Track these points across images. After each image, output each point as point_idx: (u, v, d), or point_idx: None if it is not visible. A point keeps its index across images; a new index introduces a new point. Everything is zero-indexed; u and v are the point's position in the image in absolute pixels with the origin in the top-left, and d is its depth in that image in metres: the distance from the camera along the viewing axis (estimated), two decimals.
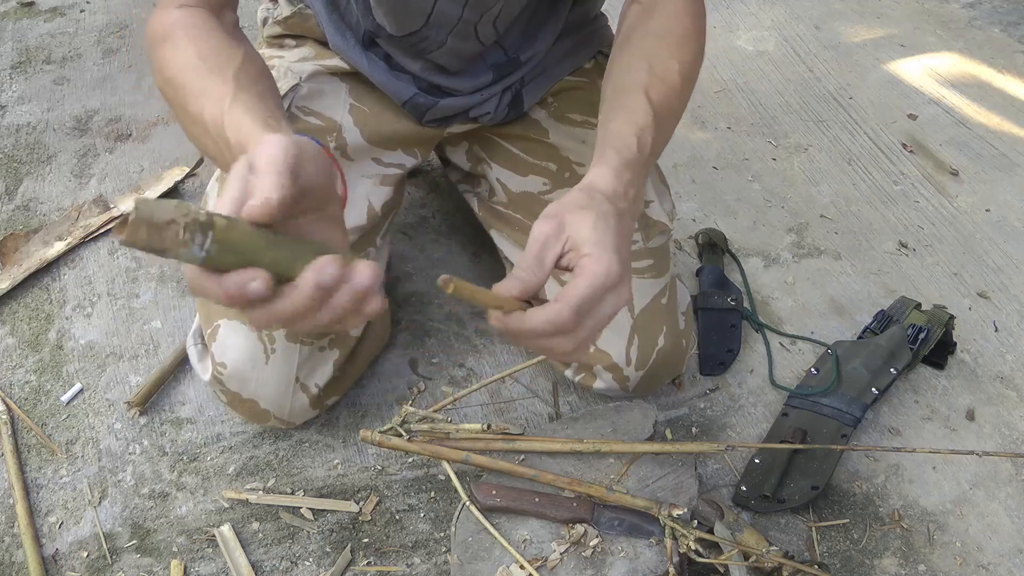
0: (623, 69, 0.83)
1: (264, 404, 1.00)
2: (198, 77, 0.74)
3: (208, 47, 0.77)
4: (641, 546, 0.89)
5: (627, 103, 0.79)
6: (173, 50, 0.78)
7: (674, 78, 0.82)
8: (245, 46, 0.82)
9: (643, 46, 0.83)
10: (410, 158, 1.09)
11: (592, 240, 0.65)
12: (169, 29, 0.80)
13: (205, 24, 0.80)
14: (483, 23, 0.95)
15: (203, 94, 0.73)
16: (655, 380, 1.05)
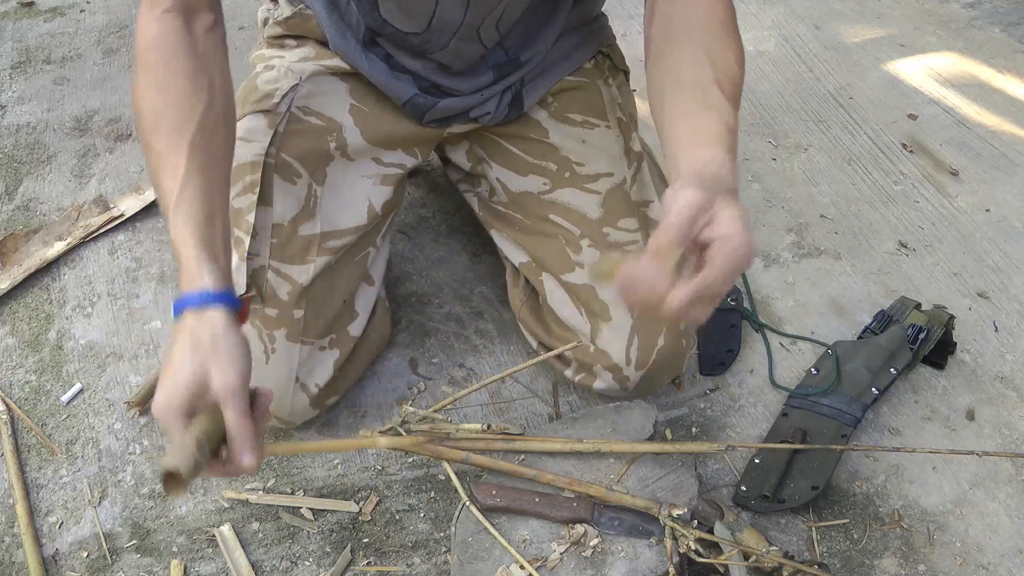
0: (684, 62, 0.82)
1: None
2: (157, 131, 0.80)
3: (174, 87, 0.81)
4: (641, 546, 0.89)
5: (710, 100, 0.78)
6: (143, 79, 0.82)
7: (734, 68, 0.82)
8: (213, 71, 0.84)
9: (694, 40, 0.82)
10: (410, 158, 1.09)
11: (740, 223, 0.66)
12: (145, 46, 0.82)
13: (177, 48, 0.82)
14: (485, 26, 0.95)
15: (160, 160, 0.79)
16: (655, 380, 1.05)
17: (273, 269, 0.98)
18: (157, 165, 0.79)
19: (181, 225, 0.76)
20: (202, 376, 0.71)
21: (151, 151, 0.80)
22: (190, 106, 0.80)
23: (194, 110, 0.80)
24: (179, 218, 0.77)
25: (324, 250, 1.00)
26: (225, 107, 0.84)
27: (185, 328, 0.73)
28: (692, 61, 0.81)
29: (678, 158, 0.75)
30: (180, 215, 0.77)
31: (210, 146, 0.81)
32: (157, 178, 0.79)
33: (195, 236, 0.76)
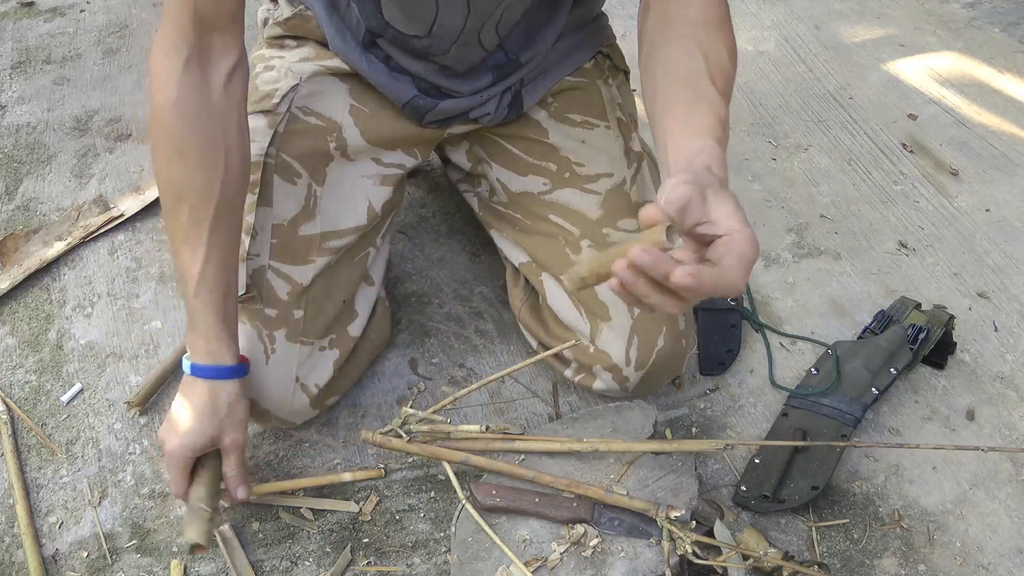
0: (677, 56, 0.82)
1: (264, 404, 1.00)
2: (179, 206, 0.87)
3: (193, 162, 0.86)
4: (641, 546, 0.89)
5: (703, 93, 0.79)
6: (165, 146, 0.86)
7: (725, 62, 0.82)
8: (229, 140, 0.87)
9: (687, 33, 0.83)
10: (410, 158, 1.09)
11: (739, 218, 0.67)
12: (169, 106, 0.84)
13: (198, 115, 0.85)
14: (485, 30, 0.95)
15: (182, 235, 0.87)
16: (655, 380, 1.05)
17: (273, 269, 0.98)
18: (178, 240, 0.88)
19: (204, 303, 0.88)
20: (216, 435, 0.91)
21: (173, 224, 0.88)
22: (209, 182, 0.86)
23: (212, 188, 0.86)
24: (202, 295, 0.87)
25: (324, 250, 1.00)
26: (241, 169, 0.90)
27: (202, 392, 0.90)
28: (685, 54, 0.82)
29: (668, 149, 0.76)
30: (203, 293, 0.87)
31: (227, 224, 0.89)
32: (178, 252, 0.88)
33: (216, 314, 0.88)
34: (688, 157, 0.73)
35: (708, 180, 0.68)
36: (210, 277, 0.87)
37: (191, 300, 0.88)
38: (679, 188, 0.65)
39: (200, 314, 0.88)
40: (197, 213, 0.86)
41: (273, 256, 0.98)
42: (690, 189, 0.65)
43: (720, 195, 0.67)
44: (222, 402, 0.90)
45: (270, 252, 0.98)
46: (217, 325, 0.88)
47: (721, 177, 0.71)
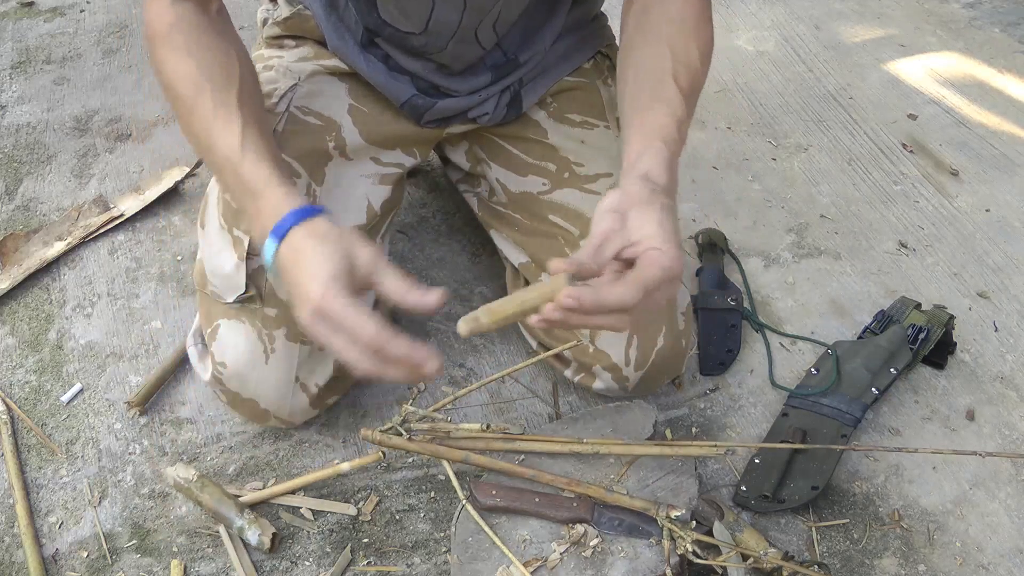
0: (647, 56, 0.84)
1: (264, 404, 1.00)
2: (203, 93, 0.81)
3: (208, 56, 0.82)
4: (641, 546, 0.89)
5: (662, 93, 0.81)
6: (173, 54, 0.83)
7: (696, 62, 0.84)
8: (236, 48, 0.86)
9: (661, 32, 0.85)
10: (409, 158, 1.09)
11: (660, 236, 0.69)
12: (166, 30, 0.83)
13: (201, 27, 0.84)
14: (482, 27, 0.95)
15: (211, 117, 0.80)
16: (655, 380, 1.05)
17: None
18: (207, 124, 0.80)
19: (253, 165, 0.77)
20: (347, 257, 0.71)
21: (197, 113, 0.81)
22: (227, 70, 0.82)
23: (232, 72, 0.82)
24: (248, 160, 0.77)
25: None
26: (254, 76, 0.86)
27: (301, 236, 0.73)
28: (654, 55, 0.84)
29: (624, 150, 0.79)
30: (249, 157, 0.77)
31: (255, 102, 0.83)
32: (209, 136, 0.80)
33: (272, 172, 0.77)
34: (631, 161, 0.75)
35: (634, 196, 0.70)
36: (252, 143, 0.79)
37: (240, 169, 0.78)
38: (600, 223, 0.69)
39: (255, 178, 0.77)
40: (221, 95, 0.81)
41: None
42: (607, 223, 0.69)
43: (643, 212, 0.70)
44: (326, 231, 0.73)
45: None
46: (279, 181, 0.77)
47: (659, 183, 0.73)
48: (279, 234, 0.74)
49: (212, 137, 0.80)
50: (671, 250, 0.69)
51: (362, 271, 0.72)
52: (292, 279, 0.72)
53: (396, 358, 0.69)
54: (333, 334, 0.70)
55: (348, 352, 0.70)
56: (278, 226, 0.74)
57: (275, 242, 0.74)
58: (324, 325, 0.70)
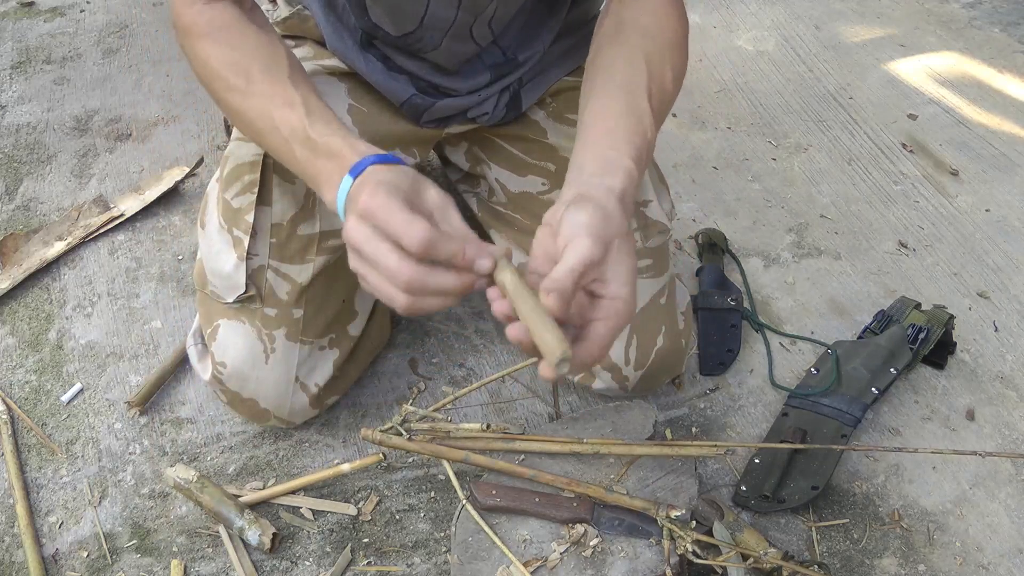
0: (621, 63, 0.83)
1: (264, 403, 1.00)
2: (253, 81, 0.79)
3: (252, 47, 0.82)
4: (641, 546, 0.89)
5: (635, 107, 0.79)
6: (217, 47, 0.82)
7: (668, 85, 0.83)
8: (276, 37, 0.85)
9: (638, 45, 0.83)
10: (408, 158, 1.09)
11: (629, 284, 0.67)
12: (204, 27, 0.83)
13: (241, 20, 0.84)
14: (478, 24, 0.95)
15: (268, 99, 0.78)
16: (654, 380, 1.05)
17: (272, 269, 0.98)
18: (265, 105, 0.78)
19: (324, 134, 0.74)
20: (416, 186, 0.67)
21: (253, 98, 0.79)
22: (272, 52, 0.81)
23: (280, 57, 0.81)
24: (317, 128, 0.74)
25: (323, 249, 1.00)
26: (297, 60, 0.84)
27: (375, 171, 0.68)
28: (629, 64, 0.82)
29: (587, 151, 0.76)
30: (317, 126, 0.75)
31: (306, 79, 0.81)
32: (269, 118, 0.77)
33: (345, 136, 0.74)
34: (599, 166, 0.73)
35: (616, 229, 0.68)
36: (316, 107, 0.77)
37: (312, 138, 0.74)
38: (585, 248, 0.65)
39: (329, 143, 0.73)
40: (275, 76, 0.79)
41: (272, 255, 0.98)
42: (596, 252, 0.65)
43: (624, 250, 0.68)
44: (403, 169, 0.69)
45: (269, 251, 0.98)
46: (353, 141, 0.73)
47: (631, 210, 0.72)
48: (357, 170, 0.69)
49: (273, 117, 0.77)
50: (633, 303, 0.68)
51: (428, 206, 0.67)
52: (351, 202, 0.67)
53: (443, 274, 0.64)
54: (376, 243, 0.63)
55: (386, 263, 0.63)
56: (359, 163, 0.69)
57: (350, 179, 0.69)
58: (365, 231, 0.64)
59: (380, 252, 0.63)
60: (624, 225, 0.69)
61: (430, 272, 0.63)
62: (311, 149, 0.75)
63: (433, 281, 0.63)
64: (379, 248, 0.63)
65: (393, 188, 0.64)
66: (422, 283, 0.63)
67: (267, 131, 0.79)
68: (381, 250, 0.63)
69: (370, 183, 0.65)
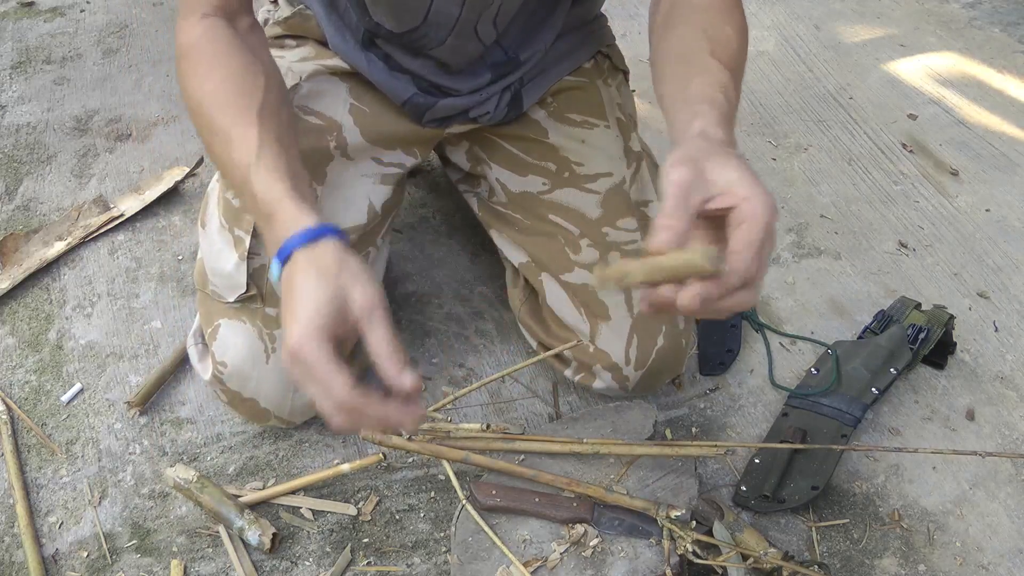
0: (679, 41, 0.83)
1: (264, 403, 1.00)
2: (222, 110, 0.79)
3: (231, 72, 0.80)
4: (641, 546, 0.89)
5: (698, 66, 0.78)
6: (196, 69, 0.82)
7: (732, 42, 0.82)
8: (264, 60, 0.85)
9: (693, 20, 0.84)
10: (410, 158, 1.09)
11: (744, 181, 0.63)
12: (192, 44, 0.83)
13: (226, 40, 0.83)
14: (482, 21, 0.95)
15: (229, 134, 0.77)
16: (655, 380, 1.05)
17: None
18: (225, 142, 0.77)
19: (264, 181, 0.73)
20: (340, 298, 0.66)
21: (216, 131, 0.78)
22: (251, 86, 0.80)
23: (256, 89, 0.80)
24: (260, 175, 0.73)
25: None
26: (281, 90, 0.84)
27: (301, 265, 0.68)
28: (686, 37, 0.82)
29: (668, 121, 0.76)
30: (261, 172, 0.74)
31: (278, 117, 0.80)
32: (228, 153, 0.77)
33: (283, 186, 0.73)
34: (681, 127, 0.71)
35: (701, 149, 0.65)
36: (267, 157, 0.75)
37: (251, 185, 0.74)
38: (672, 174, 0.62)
39: (266, 193, 0.73)
40: (241, 110, 0.78)
41: None
42: (682, 173, 0.62)
43: (718, 161, 0.64)
44: (327, 262, 0.68)
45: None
46: (289, 196, 0.72)
47: (718, 138, 0.68)
48: (283, 256, 0.70)
49: (230, 153, 0.77)
50: (762, 195, 0.62)
51: (354, 315, 0.67)
52: (283, 309, 0.68)
53: (371, 417, 0.66)
54: (308, 381, 0.66)
55: (320, 404, 0.66)
56: (283, 247, 0.70)
57: (279, 264, 0.71)
58: (299, 370, 0.66)
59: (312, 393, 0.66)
60: (710, 146, 0.66)
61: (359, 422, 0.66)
62: (254, 200, 0.74)
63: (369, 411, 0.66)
64: (311, 389, 0.66)
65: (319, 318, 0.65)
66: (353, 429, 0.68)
67: (226, 168, 0.78)
68: (313, 391, 0.66)
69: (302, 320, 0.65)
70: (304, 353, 0.65)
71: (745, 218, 0.62)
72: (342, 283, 0.67)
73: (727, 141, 0.69)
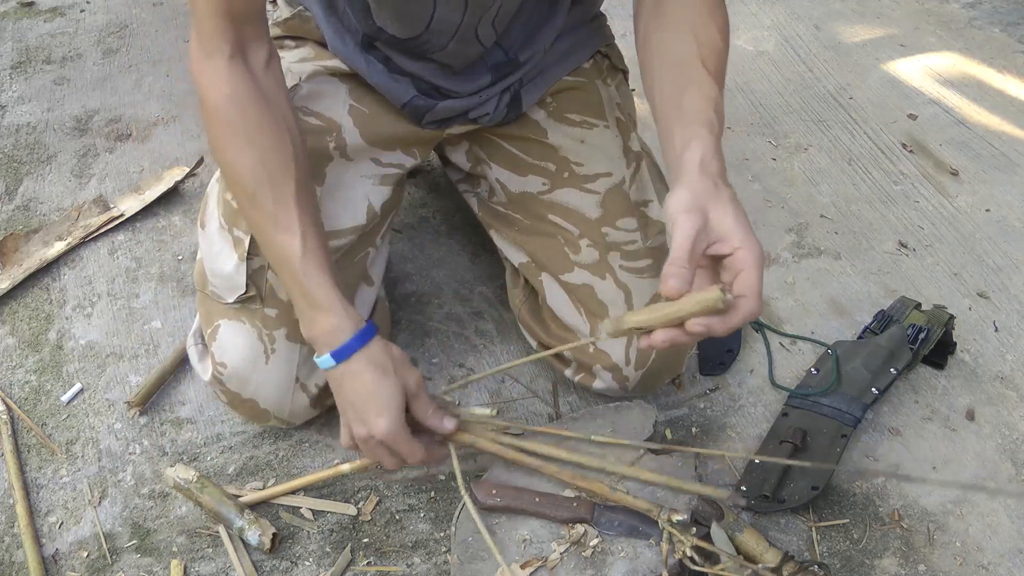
0: (669, 41, 0.86)
1: (264, 404, 1.00)
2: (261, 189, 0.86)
3: (265, 147, 0.86)
4: (641, 546, 0.89)
5: (692, 77, 0.82)
6: (233, 140, 0.87)
7: (718, 42, 0.85)
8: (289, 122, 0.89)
9: (680, 16, 0.86)
10: (409, 158, 1.09)
11: (739, 231, 0.72)
12: (224, 106, 0.86)
13: (256, 103, 0.86)
14: (482, 24, 0.95)
15: (270, 216, 0.86)
16: (654, 380, 1.05)
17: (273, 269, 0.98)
18: (268, 227, 0.87)
19: (315, 274, 0.85)
20: (401, 387, 0.86)
21: (258, 213, 0.87)
22: (284, 162, 0.87)
23: (288, 167, 0.87)
24: (311, 267, 0.85)
25: None
26: (302, 146, 0.91)
27: (363, 364, 0.85)
28: (677, 40, 0.85)
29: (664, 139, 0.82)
30: (311, 265, 0.85)
31: (311, 200, 0.89)
32: (268, 234, 0.87)
33: (331, 283, 0.86)
34: (678, 150, 0.77)
35: (704, 192, 0.73)
36: (313, 250, 0.86)
37: (300, 280, 0.85)
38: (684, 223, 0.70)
39: (317, 285, 0.85)
40: (280, 193, 0.86)
41: None
42: (693, 223, 0.71)
43: (719, 208, 0.73)
44: (382, 360, 0.85)
45: None
46: (337, 293, 0.86)
47: (715, 170, 0.75)
48: (340, 358, 0.85)
49: (271, 235, 0.86)
50: (753, 243, 0.72)
51: (409, 394, 0.87)
52: (353, 401, 0.86)
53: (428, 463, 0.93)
54: (385, 453, 0.87)
55: (389, 464, 0.89)
56: (342, 349, 0.85)
57: (334, 361, 0.86)
58: (381, 450, 0.87)
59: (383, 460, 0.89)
60: (711, 186, 0.74)
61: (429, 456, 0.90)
62: (301, 289, 0.86)
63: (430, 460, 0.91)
64: (384, 458, 0.88)
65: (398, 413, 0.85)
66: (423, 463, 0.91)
67: (265, 244, 0.89)
68: (386, 460, 0.89)
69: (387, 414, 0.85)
70: (394, 439, 0.85)
71: (743, 266, 0.71)
72: (400, 376, 0.86)
73: (721, 172, 0.77)
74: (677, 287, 0.69)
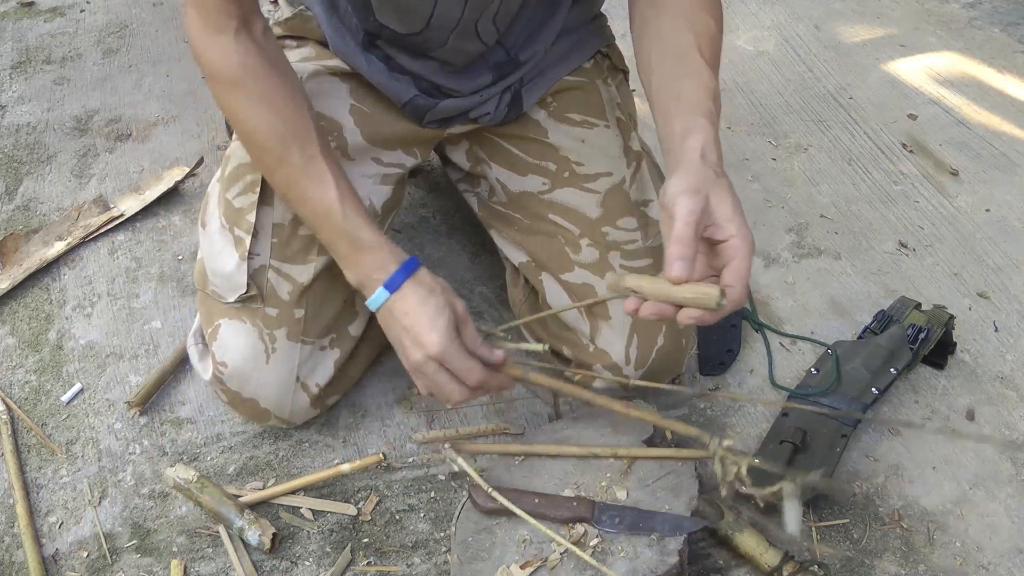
0: (666, 31, 0.87)
1: (264, 403, 1.00)
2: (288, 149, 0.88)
3: (284, 110, 0.89)
4: (641, 545, 0.89)
5: (690, 67, 0.84)
6: (249, 103, 0.88)
7: (713, 31, 0.87)
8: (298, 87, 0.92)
9: (676, 9, 0.88)
10: (410, 158, 1.10)
11: (736, 219, 0.74)
12: (237, 74, 0.87)
13: (267, 70, 0.88)
14: (483, 21, 0.95)
15: (301, 173, 0.88)
16: (655, 379, 1.05)
17: (274, 268, 0.98)
18: (297, 178, 0.88)
19: (355, 217, 0.87)
20: (450, 307, 0.86)
21: (285, 169, 0.88)
22: (303, 117, 0.89)
23: (307, 122, 0.89)
24: (350, 211, 0.87)
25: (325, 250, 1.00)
26: (316, 116, 0.93)
27: (412, 290, 0.86)
28: (673, 30, 0.87)
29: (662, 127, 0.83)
30: (350, 208, 0.87)
31: (332, 152, 0.91)
32: (303, 194, 0.88)
33: (372, 223, 0.88)
34: (677, 139, 0.79)
35: (705, 178, 0.75)
36: (349, 195, 0.88)
37: (342, 225, 0.87)
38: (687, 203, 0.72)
39: (358, 229, 0.87)
40: (306, 148, 0.88)
41: (274, 255, 0.98)
42: (696, 204, 0.72)
43: (718, 194, 0.74)
44: (430, 284, 0.87)
45: (271, 251, 0.98)
46: (378, 232, 0.88)
47: (714, 160, 0.77)
48: (392, 287, 0.86)
49: (304, 189, 0.88)
50: (747, 234, 0.74)
51: (458, 319, 0.86)
52: (407, 324, 0.85)
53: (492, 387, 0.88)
54: (444, 377, 0.85)
55: (450, 390, 0.86)
56: (391, 279, 0.86)
57: (387, 293, 0.86)
58: (437, 369, 0.85)
59: (444, 384, 0.86)
60: (712, 174, 0.76)
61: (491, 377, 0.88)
62: (344, 236, 0.88)
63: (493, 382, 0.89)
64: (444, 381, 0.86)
65: (449, 327, 0.84)
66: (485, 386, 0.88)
67: (297, 201, 0.90)
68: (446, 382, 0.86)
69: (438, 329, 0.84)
70: (448, 354, 0.84)
71: (736, 255, 0.74)
72: (448, 298, 0.86)
73: (720, 162, 0.78)
74: (684, 273, 0.71)
